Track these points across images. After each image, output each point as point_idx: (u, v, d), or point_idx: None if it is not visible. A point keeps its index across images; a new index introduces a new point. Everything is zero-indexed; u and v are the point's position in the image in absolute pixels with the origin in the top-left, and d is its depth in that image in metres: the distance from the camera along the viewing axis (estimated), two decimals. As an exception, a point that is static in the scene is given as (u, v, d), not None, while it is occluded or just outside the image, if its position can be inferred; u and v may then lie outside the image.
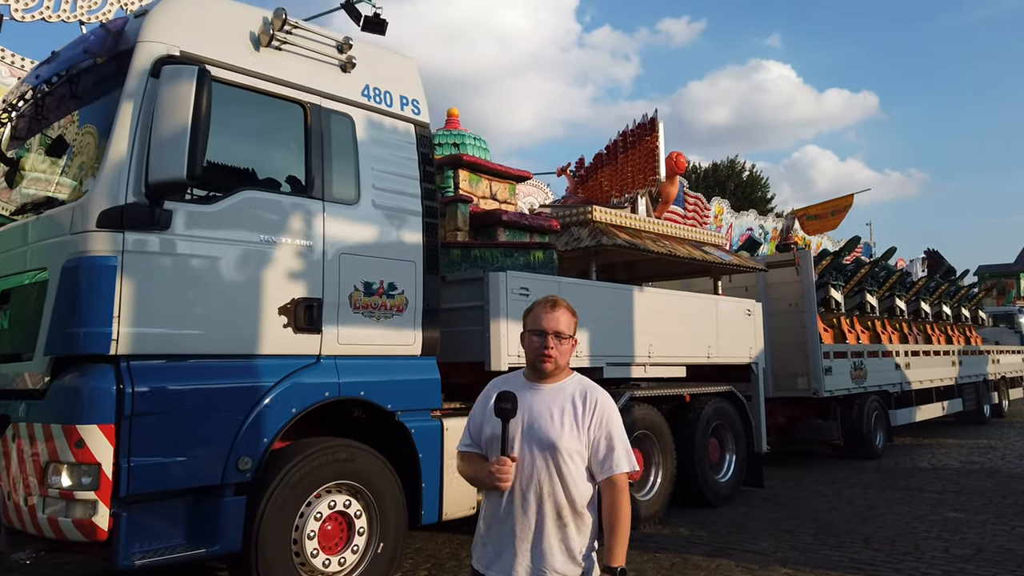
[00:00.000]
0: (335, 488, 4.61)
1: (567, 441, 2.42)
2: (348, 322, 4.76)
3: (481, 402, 2.60)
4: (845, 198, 20.02)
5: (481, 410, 2.58)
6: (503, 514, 2.44)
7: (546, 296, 2.62)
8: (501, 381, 2.65)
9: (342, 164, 4.86)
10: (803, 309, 10.69)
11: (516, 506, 2.42)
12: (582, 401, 2.48)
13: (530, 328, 2.51)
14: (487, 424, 2.52)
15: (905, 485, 9.22)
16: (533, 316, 2.52)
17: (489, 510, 2.50)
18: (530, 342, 2.51)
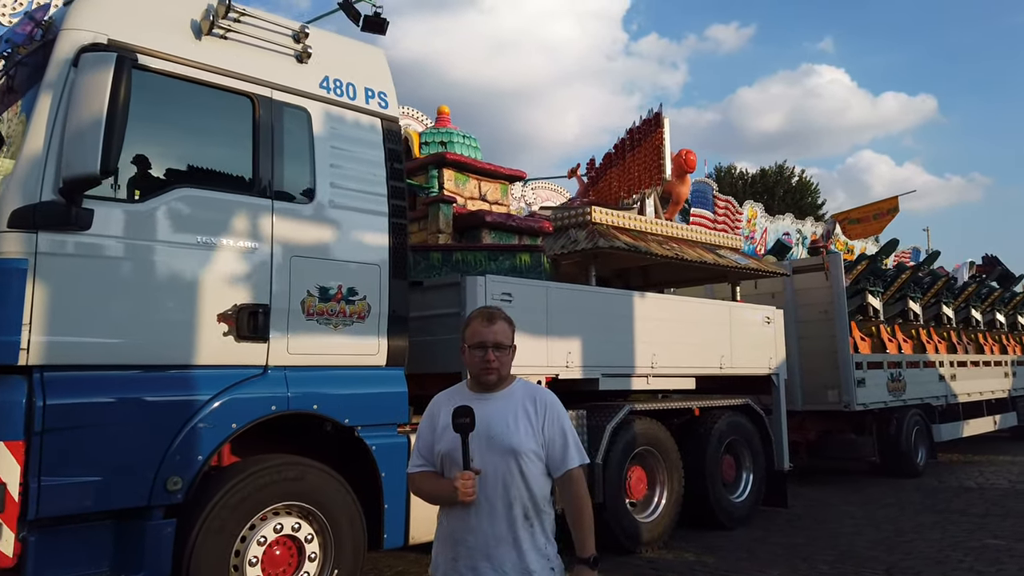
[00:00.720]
0: (284, 510, 4.26)
1: (527, 443, 2.49)
2: (300, 330, 4.42)
3: (427, 420, 2.61)
4: (889, 200, 19.07)
5: (429, 428, 2.59)
6: (472, 528, 2.44)
7: (480, 308, 2.68)
8: (444, 397, 2.64)
9: (295, 160, 4.53)
10: (833, 316, 10.03)
11: (484, 517, 2.44)
12: (532, 404, 2.55)
13: (470, 343, 2.53)
14: (440, 442, 2.52)
15: (944, 507, 8.50)
16: (472, 331, 2.55)
17: (453, 527, 2.49)
18: (472, 356, 2.53)
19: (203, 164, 4.26)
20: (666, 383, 6.96)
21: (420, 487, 2.60)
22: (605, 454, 6.13)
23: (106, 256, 3.79)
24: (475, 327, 2.55)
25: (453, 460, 2.46)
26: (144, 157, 4.02)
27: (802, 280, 10.32)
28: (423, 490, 2.59)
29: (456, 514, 2.47)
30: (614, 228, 7.02)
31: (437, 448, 2.53)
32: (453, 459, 2.46)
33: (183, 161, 4.20)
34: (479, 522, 2.44)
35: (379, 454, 4.63)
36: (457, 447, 2.42)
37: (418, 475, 2.58)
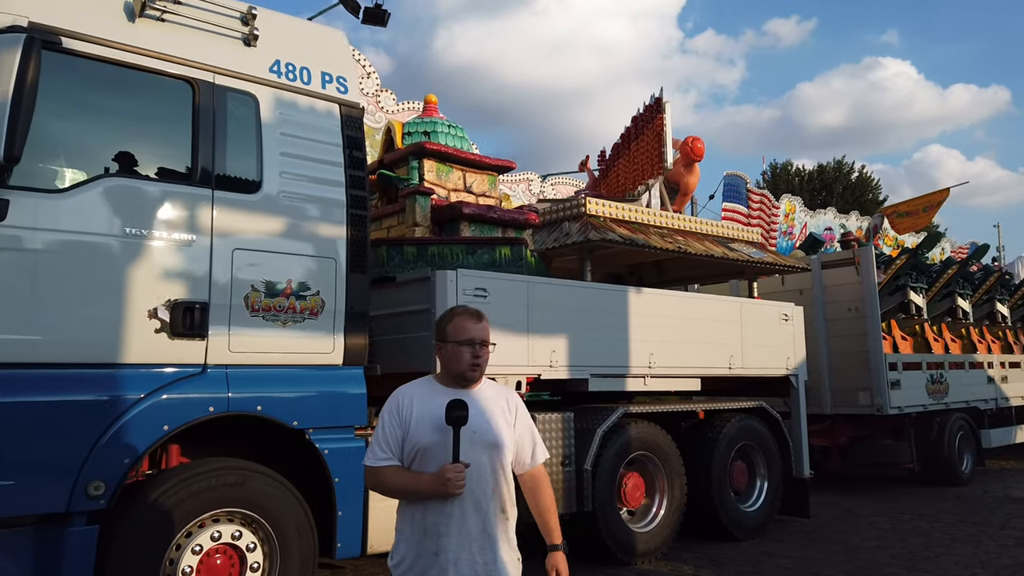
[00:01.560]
0: (225, 516, 4.04)
1: (507, 439, 2.58)
2: (244, 327, 4.19)
3: (393, 413, 2.55)
4: (939, 193, 18.14)
5: (396, 421, 2.54)
6: (456, 521, 2.44)
7: (463, 306, 2.70)
8: (412, 390, 2.61)
9: (240, 148, 4.31)
10: (864, 314, 9.41)
11: (468, 511, 2.46)
12: (505, 403, 2.64)
13: (458, 339, 2.54)
14: (418, 435, 2.49)
15: (983, 519, 7.86)
16: (457, 327, 2.56)
17: (434, 520, 2.45)
18: (458, 353, 2.54)
19: (136, 152, 4.04)
20: (666, 384, 6.54)
21: (388, 481, 2.52)
22: (595, 459, 5.76)
23: (23, 249, 3.60)
24: (462, 323, 2.56)
25: (432, 454, 2.46)
26: (71, 145, 3.85)
27: (832, 276, 9.73)
28: (393, 484, 2.52)
29: (437, 508, 2.45)
30: (611, 220, 6.64)
31: (412, 442, 2.49)
32: (433, 453, 2.46)
33: (114, 149, 3.98)
34: (463, 516, 2.45)
35: (332, 459, 4.36)
36: (440, 441, 2.44)
37: (385, 469, 2.50)
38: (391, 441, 2.52)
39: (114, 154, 3.98)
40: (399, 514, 2.57)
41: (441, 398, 2.49)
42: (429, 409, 2.51)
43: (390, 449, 2.51)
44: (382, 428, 2.54)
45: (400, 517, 2.56)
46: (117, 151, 4.00)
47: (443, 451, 2.44)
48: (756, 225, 15.49)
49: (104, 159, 3.95)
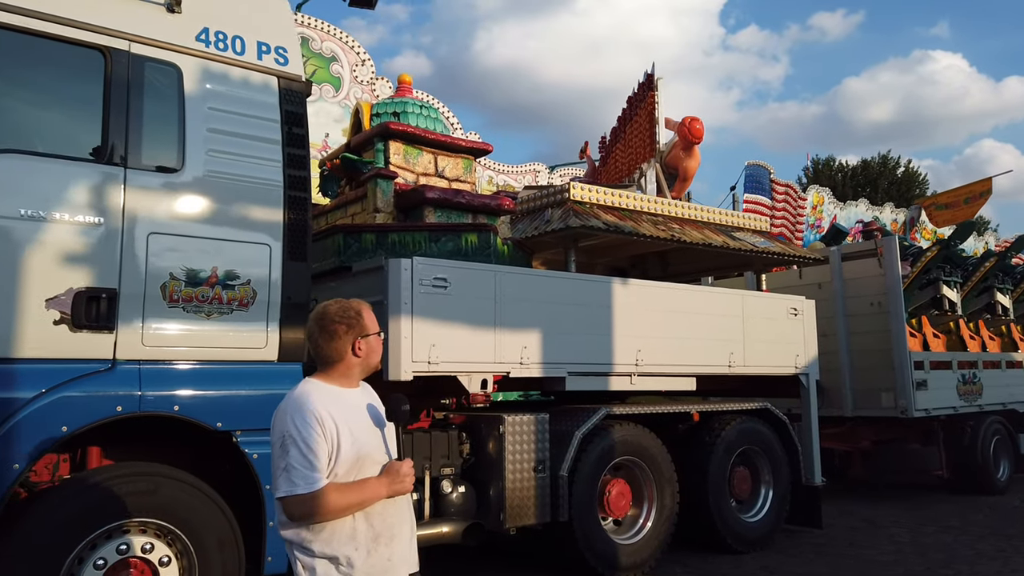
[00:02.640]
0: (136, 527, 3.68)
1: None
2: (160, 319, 3.82)
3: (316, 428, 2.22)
4: (982, 183, 17.16)
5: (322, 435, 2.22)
6: (402, 520, 2.37)
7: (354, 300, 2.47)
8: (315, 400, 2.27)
9: (159, 124, 3.94)
10: (887, 309, 8.75)
11: (405, 508, 2.40)
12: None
13: (374, 331, 2.42)
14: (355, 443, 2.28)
15: (1017, 532, 7.19)
16: (370, 318, 2.43)
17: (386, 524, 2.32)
18: (376, 342, 2.43)
19: (38, 127, 3.71)
20: (656, 383, 6.04)
21: (331, 501, 2.20)
22: (573, 465, 5.29)
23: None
24: (371, 314, 2.44)
25: (371, 458, 2.32)
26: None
27: (852, 268, 9.09)
28: (339, 503, 2.22)
29: (386, 511, 2.32)
30: (597, 207, 6.15)
31: (351, 451, 2.26)
32: (372, 457, 2.32)
33: (12, 123, 3.65)
34: (405, 514, 2.40)
35: (261, 464, 3.96)
36: (379, 444, 2.36)
37: (326, 490, 2.19)
38: (321, 457, 2.21)
39: (9, 128, 3.63)
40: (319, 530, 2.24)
41: (349, 398, 2.37)
42: (349, 413, 2.32)
43: (321, 467, 2.21)
44: (304, 446, 2.19)
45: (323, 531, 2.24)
46: (14, 125, 3.65)
47: (381, 452, 2.36)
48: (780, 218, 14.82)
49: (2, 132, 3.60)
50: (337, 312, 2.38)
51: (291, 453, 2.19)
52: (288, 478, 2.18)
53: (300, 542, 2.26)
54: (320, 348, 2.37)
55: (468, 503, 5.01)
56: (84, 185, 3.67)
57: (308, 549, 2.25)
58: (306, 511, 2.20)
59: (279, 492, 2.21)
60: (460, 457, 5.08)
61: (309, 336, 2.42)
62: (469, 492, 5.04)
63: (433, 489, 4.87)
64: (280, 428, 2.25)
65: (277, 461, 2.23)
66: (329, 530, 2.24)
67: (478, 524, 4.94)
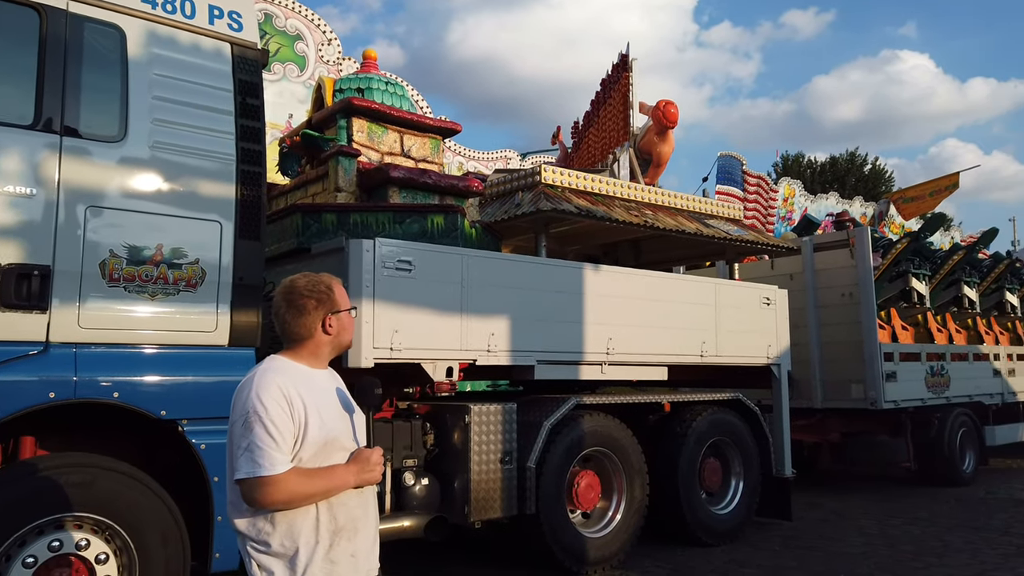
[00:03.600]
0: (71, 522, 3.42)
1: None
2: (99, 298, 3.56)
3: (283, 409, 2.05)
4: (948, 177, 17.32)
5: (290, 416, 2.05)
6: (368, 513, 2.21)
7: (324, 274, 2.31)
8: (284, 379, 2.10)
9: (100, 89, 3.67)
10: (858, 300, 8.70)
11: (370, 500, 2.23)
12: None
13: (346, 306, 2.27)
14: (323, 427, 2.10)
15: (983, 524, 7.18)
16: (341, 293, 2.28)
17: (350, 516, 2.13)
18: (349, 319, 2.28)
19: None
20: (627, 373, 5.88)
21: (293, 488, 2.02)
22: (541, 456, 5.12)
23: None
24: (342, 290, 2.29)
25: (339, 444, 2.14)
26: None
27: (824, 259, 9.03)
28: (302, 490, 2.04)
29: (351, 503, 2.14)
30: (570, 191, 5.97)
31: (319, 435, 2.09)
32: (340, 443, 2.14)
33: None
34: (370, 508, 2.23)
35: (209, 455, 3.72)
36: (347, 428, 2.18)
37: (288, 475, 2.01)
38: (287, 439, 2.04)
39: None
40: (278, 520, 2.06)
41: (318, 380, 2.20)
42: (319, 394, 2.16)
43: (287, 449, 2.04)
44: (270, 425, 2.02)
45: (282, 522, 2.06)
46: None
47: (348, 438, 2.18)
48: (752, 210, 14.78)
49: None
50: (306, 286, 2.21)
51: (255, 431, 2.01)
52: (251, 458, 1.99)
53: (256, 535, 2.07)
54: (287, 324, 2.20)
55: (431, 496, 4.81)
56: (14, 153, 3.39)
57: (265, 543, 2.06)
58: (268, 496, 2.00)
59: (239, 473, 2.01)
60: (424, 448, 4.88)
61: (275, 312, 2.23)
62: (433, 484, 4.84)
63: (395, 481, 4.66)
64: (243, 405, 2.06)
65: (238, 440, 2.04)
66: (288, 521, 2.06)
67: (441, 518, 4.75)
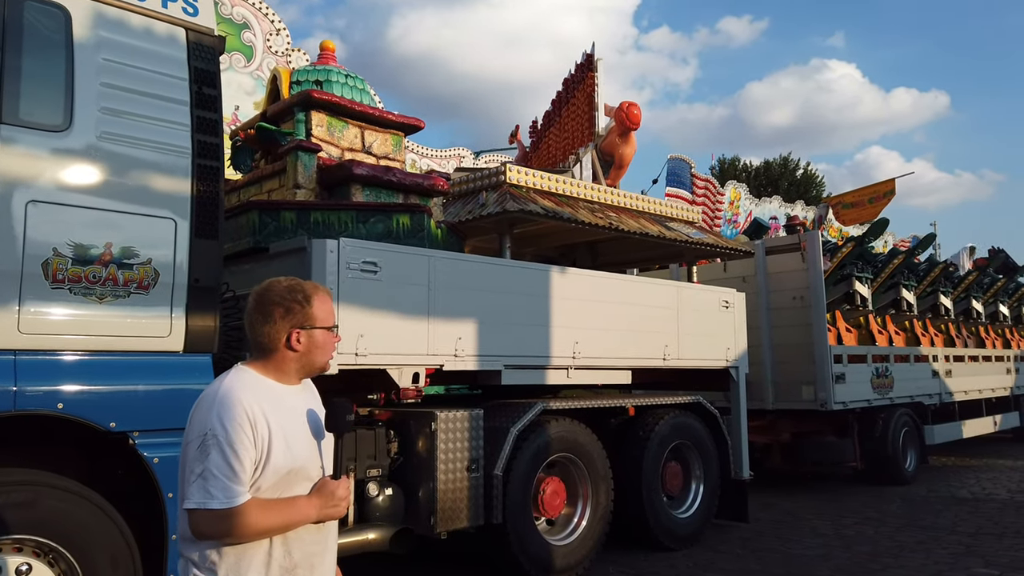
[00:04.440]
0: (10, 545, 3.14)
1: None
2: (41, 301, 3.27)
3: (245, 431, 1.83)
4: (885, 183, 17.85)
5: (251, 439, 1.84)
6: (328, 548, 2.01)
7: (312, 283, 2.08)
8: (248, 396, 1.88)
9: (42, 75, 3.38)
10: (809, 303, 8.85)
11: (331, 533, 2.03)
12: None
13: (325, 324, 2.01)
14: (289, 453, 1.90)
15: (931, 523, 7.35)
16: (325, 309, 2.02)
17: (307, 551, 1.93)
18: (325, 339, 2.02)
19: None
20: (593, 377, 5.80)
21: (261, 521, 1.83)
22: (508, 463, 4.98)
23: None
24: (324, 302, 2.02)
25: (305, 473, 1.94)
26: None
27: (776, 262, 9.15)
28: (266, 523, 1.85)
29: (308, 538, 1.94)
30: (535, 191, 5.85)
31: (283, 463, 1.88)
32: (307, 472, 1.94)
33: None
34: (330, 542, 2.02)
35: (163, 469, 3.46)
36: (315, 457, 1.97)
37: (253, 505, 1.83)
38: (246, 467, 1.83)
39: None
40: (229, 553, 1.86)
41: (290, 399, 1.98)
42: (288, 416, 1.94)
43: (245, 479, 1.83)
44: (228, 451, 1.81)
45: (234, 554, 1.86)
46: None
47: (314, 467, 1.97)
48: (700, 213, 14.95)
49: None
50: (281, 291, 1.97)
51: (211, 456, 1.80)
52: (203, 487, 1.79)
53: (200, 562, 1.87)
54: (252, 330, 1.97)
55: (396, 507, 4.63)
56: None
57: (211, 572, 1.85)
58: (218, 529, 1.81)
59: (189, 503, 1.82)
60: (388, 457, 4.69)
61: (246, 312, 2.00)
62: (397, 495, 4.65)
63: (358, 493, 4.46)
64: (201, 424, 1.85)
65: (192, 464, 1.83)
66: (238, 554, 1.86)
67: (407, 529, 4.56)
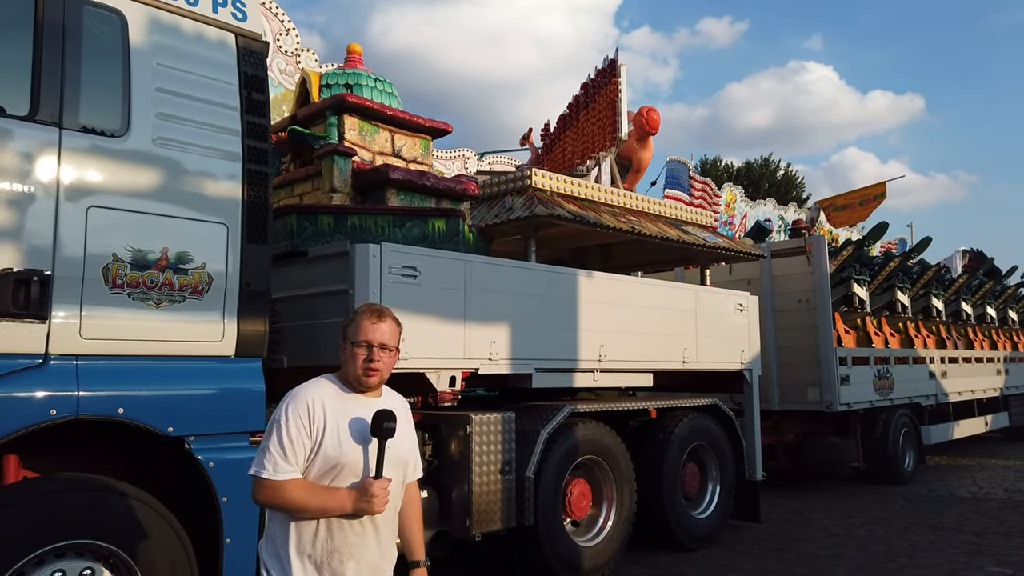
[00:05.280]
0: (72, 550, 3.14)
1: (412, 454, 2.46)
2: (102, 307, 3.27)
3: (300, 421, 2.23)
4: (876, 186, 18.11)
5: (305, 430, 2.23)
6: (368, 543, 2.26)
7: (369, 304, 2.47)
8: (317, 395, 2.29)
9: (101, 80, 3.38)
10: (815, 306, 8.98)
11: (381, 529, 2.30)
12: (406, 413, 2.45)
13: (353, 339, 2.33)
14: (337, 448, 2.23)
15: (937, 522, 7.49)
16: (356, 326, 2.35)
17: (344, 541, 2.23)
18: (354, 355, 2.33)
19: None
20: (617, 380, 5.88)
21: (291, 496, 2.19)
22: (538, 466, 5.03)
23: None
24: (361, 322, 2.34)
25: (351, 470, 2.24)
26: None
27: (781, 265, 9.28)
28: (298, 500, 2.20)
29: (346, 528, 2.23)
30: (559, 195, 5.91)
31: (327, 455, 2.22)
32: (352, 468, 2.24)
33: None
34: (376, 535, 2.28)
35: (218, 473, 3.49)
36: (361, 455, 2.25)
37: (289, 483, 2.19)
38: (297, 451, 2.21)
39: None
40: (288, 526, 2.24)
41: (355, 405, 2.30)
42: (346, 417, 2.27)
43: (295, 459, 2.21)
44: (285, 435, 2.21)
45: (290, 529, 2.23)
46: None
47: (362, 466, 2.25)
48: (697, 214, 15.08)
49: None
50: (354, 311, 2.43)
51: (272, 436, 2.22)
52: (260, 459, 2.22)
53: (270, 533, 2.28)
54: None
55: (431, 509, 4.66)
56: (10, 148, 3.08)
57: (271, 542, 2.26)
58: (263, 496, 2.23)
59: (251, 468, 2.24)
60: (423, 460, 4.71)
61: None
62: (432, 498, 4.69)
63: (396, 495, 4.49)
64: (277, 411, 2.27)
65: (263, 438, 2.27)
66: (290, 532, 2.22)
67: (443, 532, 4.61)
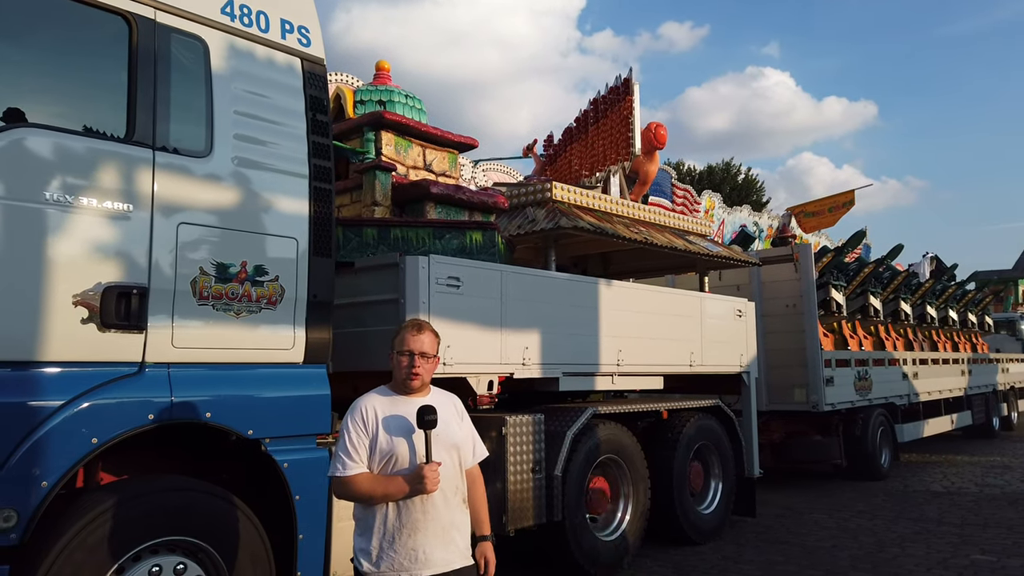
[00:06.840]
0: (165, 547, 3.33)
1: (462, 439, 2.84)
2: (190, 317, 3.48)
3: (359, 422, 2.71)
4: (845, 194, 18.79)
5: (363, 429, 2.70)
6: (431, 517, 2.65)
7: (412, 319, 3.02)
8: (373, 398, 2.78)
9: (187, 103, 3.58)
10: (802, 311, 9.44)
11: (440, 505, 2.67)
12: (454, 407, 2.89)
13: (398, 349, 2.76)
14: (388, 441, 2.68)
15: (919, 515, 7.96)
16: (401, 338, 2.77)
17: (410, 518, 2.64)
18: (399, 362, 2.76)
19: (56, 100, 3.27)
20: (632, 383, 6.20)
21: (360, 488, 2.65)
22: (565, 464, 5.32)
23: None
24: (404, 335, 2.76)
25: (403, 459, 2.66)
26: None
27: (769, 272, 9.71)
28: (366, 489, 2.65)
29: (411, 506, 2.64)
30: (577, 207, 6.21)
31: (381, 448, 2.66)
32: (404, 457, 2.66)
33: (29, 94, 3.20)
34: (436, 510, 2.66)
35: (292, 473, 3.72)
36: (410, 445, 2.67)
37: (358, 477, 2.66)
38: (359, 448, 2.67)
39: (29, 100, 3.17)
40: (366, 512, 2.70)
41: (403, 405, 2.72)
42: (395, 416, 2.70)
43: (359, 457, 2.67)
44: (347, 437, 2.68)
45: (368, 513, 2.69)
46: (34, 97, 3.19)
47: (412, 454, 2.66)
48: (679, 220, 15.51)
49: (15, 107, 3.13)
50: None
51: (340, 441, 2.70)
52: (334, 463, 2.70)
53: (356, 517, 2.74)
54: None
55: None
56: (112, 168, 3.28)
57: (358, 527, 2.72)
58: (339, 490, 2.71)
59: (328, 472, 2.78)
60: (462, 460, 4.97)
61: None
62: (470, 495, 4.94)
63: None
64: (345, 417, 2.74)
65: (336, 446, 2.73)
66: (368, 516, 2.67)
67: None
